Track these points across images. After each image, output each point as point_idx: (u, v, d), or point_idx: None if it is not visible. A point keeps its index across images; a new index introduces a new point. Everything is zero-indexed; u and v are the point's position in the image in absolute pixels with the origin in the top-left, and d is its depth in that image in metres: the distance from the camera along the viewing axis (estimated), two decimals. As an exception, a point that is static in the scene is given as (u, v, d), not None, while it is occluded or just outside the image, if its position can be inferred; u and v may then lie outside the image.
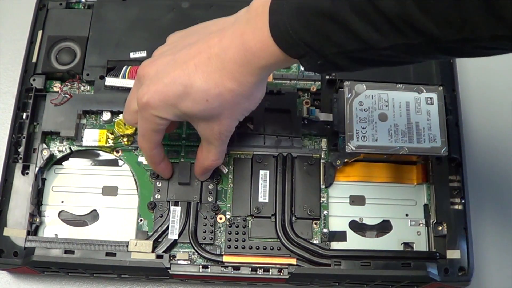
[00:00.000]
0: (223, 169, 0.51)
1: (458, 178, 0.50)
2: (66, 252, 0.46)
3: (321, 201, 0.50)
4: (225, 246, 0.49)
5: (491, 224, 0.56)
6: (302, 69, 0.53)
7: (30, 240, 0.47)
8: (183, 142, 0.51)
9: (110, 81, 0.52)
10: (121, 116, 0.52)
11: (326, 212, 0.50)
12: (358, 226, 0.51)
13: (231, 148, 0.51)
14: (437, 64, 0.53)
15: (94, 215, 0.51)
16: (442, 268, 0.47)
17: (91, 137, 0.52)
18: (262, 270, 0.47)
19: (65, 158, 0.52)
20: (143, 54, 0.54)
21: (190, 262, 0.48)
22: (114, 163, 0.52)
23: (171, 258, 0.48)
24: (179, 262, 0.48)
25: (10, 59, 0.61)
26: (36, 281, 0.52)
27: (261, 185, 0.50)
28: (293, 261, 0.47)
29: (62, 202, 0.51)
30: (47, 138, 0.52)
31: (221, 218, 0.49)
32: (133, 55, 0.54)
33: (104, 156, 0.52)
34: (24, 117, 0.51)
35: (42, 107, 0.52)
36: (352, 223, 0.50)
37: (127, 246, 0.47)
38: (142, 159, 0.51)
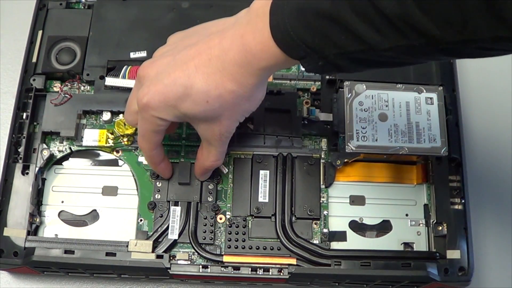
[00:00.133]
0: (223, 169, 0.51)
1: (458, 178, 0.50)
2: (66, 252, 0.46)
3: (321, 201, 0.50)
4: (225, 246, 0.49)
5: (491, 224, 0.56)
6: (302, 69, 0.53)
7: (30, 240, 0.47)
8: (183, 142, 0.51)
9: (110, 81, 0.52)
10: (121, 116, 0.52)
11: (326, 212, 0.50)
12: (358, 226, 0.51)
13: (231, 148, 0.51)
14: (437, 64, 0.53)
15: (94, 215, 0.51)
16: (442, 268, 0.47)
17: (91, 137, 0.52)
18: (262, 270, 0.47)
19: (65, 158, 0.52)
20: (143, 54, 0.54)
21: (190, 262, 0.48)
22: (114, 163, 0.52)
23: (171, 258, 0.48)
24: (179, 262, 0.48)
25: (10, 59, 0.61)
26: (36, 281, 0.52)
27: (261, 185, 0.50)
28: (293, 261, 0.47)
29: (62, 202, 0.51)
30: (47, 138, 0.52)
31: (221, 218, 0.49)
32: (133, 55, 0.54)
33: (104, 156, 0.52)
34: (24, 117, 0.51)
35: (42, 107, 0.52)
36: (352, 223, 0.50)
37: (127, 246, 0.47)
38: (142, 159, 0.51)
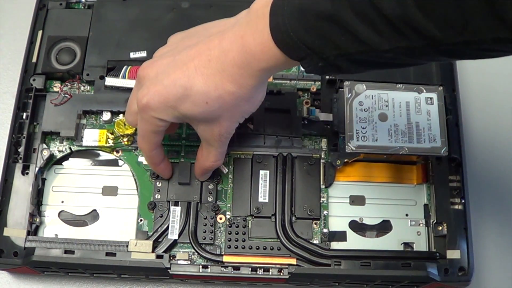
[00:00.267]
0: (223, 169, 0.51)
1: (458, 178, 0.50)
2: (66, 252, 0.46)
3: (321, 201, 0.50)
4: (225, 246, 0.48)
5: (491, 224, 0.56)
6: (302, 69, 0.53)
7: (30, 240, 0.47)
8: (183, 142, 0.51)
9: (110, 81, 0.52)
10: (121, 116, 0.52)
11: (326, 212, 0.50)
12: (358, 226, 0.51)
13: (231, 148, 0.51)
14: (437, 64, 0.53)
15: (94, 215, 0.51)
16: (442, 268, 0.47)
17: (91, 137, 0.52)
18: (262, 270, 0.47)
19: (65, 158, 0.52)
20: (143, 54, 0.54)
21: (190, 262, 0.48)
22: (114, 163, 0.52)
23: (171, 258, 0.48)
24: (179, 262, 0.48)
25: (10, 59, 0.61)
26: (36, 281, 0.52)
27: (261, 185, 0.50)
28: (293, 261, 0.47)
29: (62, 202, 0.51)
30: (47, 138, 0.52)
31: (221, 218, 0.49)
32: (133, 55, 0.54)
33: (104, 156, 0.52)
34: (24, 117, 0.51)
35: (42, 107, 0.52)
36: (352, 223, 0.50)
37: (127, 246, 0.47)
38: (142, 159, 0.51)
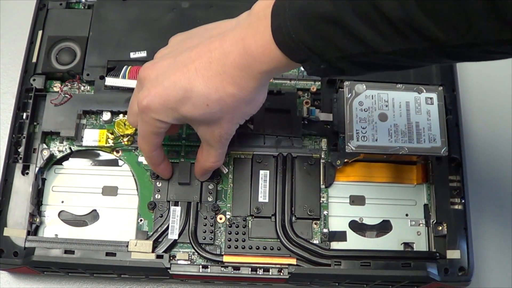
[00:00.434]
0: (223, 169, 0.51)
1: (458, 178, 0.50)
2: (66, 252, 0.46)
3: (321, 201, 0.50)
4: (225, 246, 0.48)
5: (491, 224, 0.56)
6: (302, 69, 0.53)
7: (30, 240, 0.47)
8: (183, 142, 0.51)
9: (110, 81, 0.52)
10: (121, 116, 0.52)
11: (326, 212, 0.50)
12: (358, 226, 0.51)
13: (231, 148, 0.51)
14: (437, 64, 0.53)
15: (94, 215, 0.51)
16: (442, 268, 0.47)
17: (91, 137, 0.52)
18: (262, 270, 0.47)
19: (65, 158, 0.52)
20: (143, 54, 0.54)
21: (190, 262, 0.48)
22: (114, 163, 0.52)
23: (171, 258, 0.48)
24: (179, 262, 0.48)
25: (10, 59, 0.61)
26: (36, 281, 0.52)
27: (261, 185, 0.50)
28: (293, 261, 0.47)
29: (62, 202, 0.51)
30: (47, 138, 0.52)
31: (221, 218, 0.49)
32: (133, 55, 0.54)
33: (104, 156, 0.52)
34: (24, 117, 0.51)
35: (42, 107, 0.52)
36: (352, 223, 0.50)
37: (127, 246, 0.47)
38: (142, 159, 0.51)
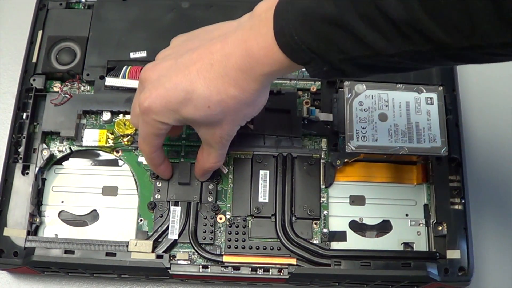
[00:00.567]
0: (223, 169, 0.51)
1: (458, 178, 0.50)
2: (66, 252, 0.46)
3: (321, 201, 0.50)
4: (225, 246, 0.48)
5: (491, 224, 0.56)
6: (303, 69, 0.53)
7: (30, 240, 0.47)
8: (183, 142, 0.51)
9: (110, 81, 0.52)
10: (121, 116, 0.52)
11: (326, 212, 0.50)
12: (358, 226, 0.51)
13: (231, 148, 0.50)
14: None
15: (94, 215, 0.51)
16: (442, 268, 0.47)
17: (91, 137, 0.52)
18: (262, 270, 0.47)
19: (65, 158, 0.52)
20: (143, 54, 0.54)
21: (190, 262, 0.48)
22: (114, 163, 0.52)
23: (171, 258, 0.48)
24: (179, 262, 0.48)
25: (10, 59, 0.61)
26: (36, 281, 0.52)
27: (261, 185, 0.50)
28: (293, 261, 0.47)
29: (62, 202, 0.51)
30: (47, 138, 0.52)
31: (221, 218, 0.49)
32: (133, 55, 0.54)
33: (104, 156, 0.52)
34: (24, 117, 0.51)
35: (42, 107, 0.52)
36: (352, 223, 0.50)
37: (127, 246, 0.47)
38: (142, 159, 0.51)
